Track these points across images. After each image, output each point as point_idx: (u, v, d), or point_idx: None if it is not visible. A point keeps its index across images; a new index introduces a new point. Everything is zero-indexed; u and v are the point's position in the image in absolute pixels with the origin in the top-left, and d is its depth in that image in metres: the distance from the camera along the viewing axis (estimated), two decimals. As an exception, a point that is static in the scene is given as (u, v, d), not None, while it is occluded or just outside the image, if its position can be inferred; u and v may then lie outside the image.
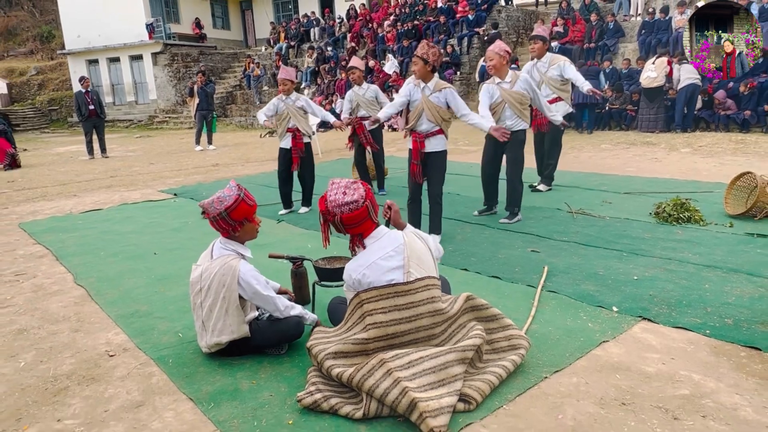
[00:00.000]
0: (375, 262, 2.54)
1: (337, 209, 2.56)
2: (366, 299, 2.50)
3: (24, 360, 3.00)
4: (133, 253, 4.96)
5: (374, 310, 2.48)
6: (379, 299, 2.49)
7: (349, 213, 2.55)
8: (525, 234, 4.86)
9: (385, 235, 2.63)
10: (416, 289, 2.50)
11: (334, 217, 2.59)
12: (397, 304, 2.48)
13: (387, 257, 2.55)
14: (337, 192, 2.59)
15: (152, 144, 16.40)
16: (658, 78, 11.28)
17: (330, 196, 2.60)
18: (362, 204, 2.56)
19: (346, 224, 2.59)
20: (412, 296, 2.49)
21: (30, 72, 29.53)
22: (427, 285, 2.53)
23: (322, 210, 2.64)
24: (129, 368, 2.85)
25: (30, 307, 3.79)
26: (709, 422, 2.15)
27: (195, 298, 2.82)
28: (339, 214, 2.56)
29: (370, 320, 2.47)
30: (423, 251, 2.64)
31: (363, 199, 2.57)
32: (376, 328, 2.46)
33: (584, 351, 2.74)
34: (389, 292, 2.48)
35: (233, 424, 2.30)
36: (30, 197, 8.27)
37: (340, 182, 2.65)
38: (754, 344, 2.71)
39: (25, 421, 2.42)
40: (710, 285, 3.49)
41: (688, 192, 5.98)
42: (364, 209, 2.56)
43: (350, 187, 2.60)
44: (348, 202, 2.55)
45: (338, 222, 2.59)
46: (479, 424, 2.21)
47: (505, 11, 18.56)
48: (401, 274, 2.52)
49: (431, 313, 2.51)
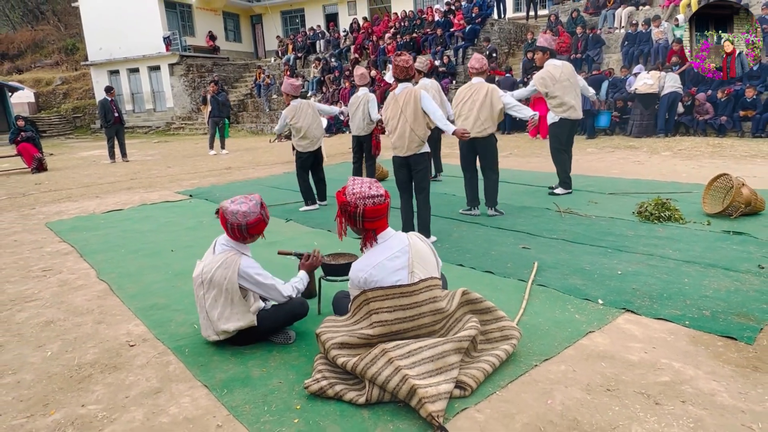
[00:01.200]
0: (381, 262, 2.51)
1: (361, 201, 2.50)
2: (372, 297, 2.49)
3: (51, 350, 3.01)
4: (152, 250, 4.96)
5: (380, 309, 2.47)
6: (384, 299, 2.47)
7: (372, 206, 2.50)
8: (516, 232, 4.86)
9: (392, 237, 2.60)
10: (420, 290, 2.49)
11: (355, 209, 2.50)
12: (402, 304, 2.47)
13: (393, 257, 2.52)
14: (362, 185, 2.55)
15: (169, 149, 16.40)
16: (654, 85, 11.10)
17: (354, 188, 2.54)
18: (385, 199, 2.54)
19: (368, 216, 2.51)
20: (415, 297, 2.48)
21: (56, 82, 29.55)
22: (429, 286, 2.52)
23: (343, 202, 2.55)
24: (148, 357, 2.85)
25: (56, 300, 3.80)
26: (688, 407, 2.15)
27: (197, 291, 2.83)
28: (362, 206, 2.50)
29: (376, 318, 2.47)
30: (426, 252, 2.63)
31: (385, 196, 2.56)
32: (381, 326, 2.46)
33: (572, 341, 2.74)
34: (394, 293, 2.47)
35: (245, 409, 2.30)
36: (56, 198, 8.28)
37: (363, 179, 2.61)
38: (730, 334, 2.71)
39: (51, 406, 2.43)
40: (689, 279, 3.48)
41: (669, 192, 5.97)
42: (386, 205, 2.55)
43: (374, 183, 2.59)
44: (374, 195, 2.52)
45: (360, 213, 2.51)
46: (474, 409, 2.22)
47: (498, 24, 18.52)
48: (406, 274, 2.50)
49: (432, 312, 2.51)
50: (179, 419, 2.27)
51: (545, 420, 2.12)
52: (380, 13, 24.46)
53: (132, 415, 2.32)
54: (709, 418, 2.08)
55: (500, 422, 2.12)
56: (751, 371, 2.39)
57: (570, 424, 2.09)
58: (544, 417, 2.14)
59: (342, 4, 26.04)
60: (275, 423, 2.19)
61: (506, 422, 2.12)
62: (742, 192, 4.84)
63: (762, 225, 4.62)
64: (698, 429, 2.02)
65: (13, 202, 8.08)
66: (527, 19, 20.33)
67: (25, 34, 35.40)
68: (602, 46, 14.62)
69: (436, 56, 17.30)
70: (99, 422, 2.29)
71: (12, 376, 2.72)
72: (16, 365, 2.84)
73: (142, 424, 2.25)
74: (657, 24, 13.57)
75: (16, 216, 6.99)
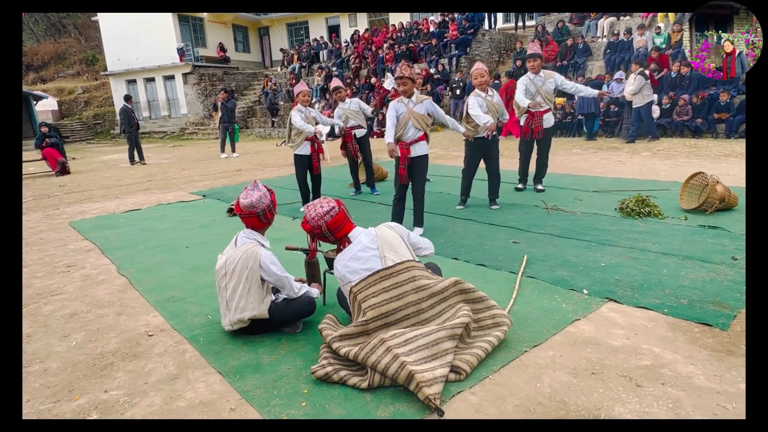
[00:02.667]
0: (355, 254, 2.64)
1: (321, 220, 2.66)
2: (357, 291, 2.58)
3: (75, 340, 3.01)
4: (168, 246, 4.96)
5: (367, 297, 2.54)
6: (368, 286, 2.56)
7: (331, 219, 2.66)
8: (507, 227, 4.86)
9: (361, 233, 2.73)
10: (398, 271, 2.58)
11: (320, 230, 2.68)
12: (384, 287, 2.55)
13: (365, 249, 2.65)
14: (314, 209, 2.70)
15: (183, 152, 16.37)
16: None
17: (310, 215, 2.69)
18: (339, 209, 2.69)
19: (332, 229, 2.68)
20: (395, 278, 2.56)
21: (77, 91, 29.49)
22: (407, 267, 2.60)
23: (308, 229, 2.72)
24: (166, 346, 2.85)
25: (80, 294, 3.80)
26: (667, 389, 2.16)
27: (220, 282, 2.84)
28: (324, 223, 2.66)
29: (366, 305, 2.54)
30: (394, 238, 2.71)
31: (337, 205, 2.70)
32: (372, 309, 2.52)
33: (559, 328, 2.75)
34: (374, 279, 2.56)
35: (256, 393, 2.31)
36: (78, 199, 8.28)
37: (313, 203, 2.75)
38: (706, 321, 2.71)
39: (76, 392, 2.44)
40: (668, 270, 3.48)
41: (648, 190, 5.96)
42: (342, 213, 2.70)
43: (322, 201, 2.72)
44: (327, 211, 2.67)
45: (325, 231, 2.68)
46: (468, 392, 2.22)
47: (489, 34, 18.48)
48: (378, 260, 2.61)
49: (415, 290, 2.57)
50: (195, 403, 2.28)
51: (535, 402, 2.13)
52: (379, 24, 24.41)
53: (151, 399, 2.33)
54: (686, 399, 2.08)
55: (493, 404, 2.13)
56: (725, 355, 2.39)
57: (558, 406, 2.09)
58: (534, 399, 2.14)
59: (343, 17, 25.97)
60: (284, 406, 2.20)
61: (498, 404, 2.13)
62: (716, 189, 4.84)
63: (735, 219, 4.62)
64: (677, 409, 2.03)
65: (39, 203, 8.07)
66: (516, 29, 20.29)
67: (48, 47, 35.32)
68: (589, 54, 14.62)
69: (432, 65, 17.27)
70: (120, 406, 2.29)
71: (39, 365, 2.72)
72: (43, 354, 2.84)
73: (160, 408, 2.26)
74: (641, 32, 13.51)
75: (42, 216, 6.99)
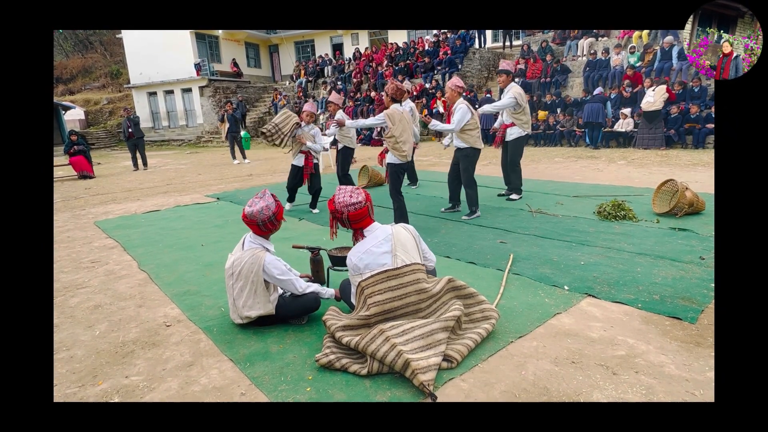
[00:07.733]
0: (369, 248, 2.57)
1: (344, 208, 2.59)
2: (365, 285, 2.53)
3: (99, 329, 3.01)
4: (185, 244, 4.95)
5: (373, 293, 2.50)
6: (375, 284, 2.51)
7: (354, 211, 2.58)
8: (495, 229, 4.86)
9: (377, 229, 2.65)
10: (404, 272, 2.52)
11: (341, 215, 2.61)
12: (390, 285, 2.50)
13: (379, 245, 2.58)
14: (344, 195, 2.62)
15: (199, 159, 16.34)
16: (656, 103, 10.67)
17: (338, 198, 2.62)
18: (364, 204, 2.60)
19: (352, 220, 2.61)
20: (401, 279, 2.51)
21: (102, 102, 29.41)
22: (413, 269, 2.55)
23: (332, 209, 2.65)
24: (182, 336, 2.85)
25: (103, 287, 3.79)
26: (641, 377, 2.16)
27: (228, 281, 2.82)
28: (346, 212, 2.59)
29: (371, 300, 2.50)
30: (407, 239, 2.65)
31: (365, 201, 2.61)
32: (376, 305, 2.48)
33: (542, 321, 2.75)
34: (382, 277, 2.51)
35: (265, 379, 2.30)
36: (103, 201, 8.25)
37: (345, 188, 2.68)
38: (676, 315, 2.72)
39: (99, 377, 2.43)
40: (641, 269, 3.48)
41: (624, 195, 5.97)
42: (365, 209, 2.61)
43: (354, 191, 2.63)
44: (354, 203, 2.58)
45: (345, 218, 2.61)
46: (459, 379, 2.22)
47: (479, 53, 18.51)
48: (390, 258, 2.54)
49: (417, 292, 2.53)
50: (209, 388, 2.27)
51: (520, 388, 2.12)
52: (378, 43, 24.45)
53: (168, 384, 2.32)
54: (658, 386, 2.08)
55: (482, 390, 2.13)
56: (694, 346, 2.40)
57: (541, 392, 2.09)
58: (519, 385, 2.14)
59: (346, 36, 25.99)
60: (291, 391, 2.19)
61: (487, 390, 2.12)
62: (686, 195, 4.85)
63: (702, 223, 4.62)
64: (650, 395, 2.03)
65: (66, 204, 8.05)
66: (504, 48, 20.32)
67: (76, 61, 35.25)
68: (569, 72, 14.68)
69: (426, 79, 17.31)
70: (140, 391, 2.28)
71: (66, 352, 2.72)
72: (69, 342, 2.84)
73: (177, 393, 2.25)
74: (617, 51, 13.56)
75: (69, 216, 6.97)
